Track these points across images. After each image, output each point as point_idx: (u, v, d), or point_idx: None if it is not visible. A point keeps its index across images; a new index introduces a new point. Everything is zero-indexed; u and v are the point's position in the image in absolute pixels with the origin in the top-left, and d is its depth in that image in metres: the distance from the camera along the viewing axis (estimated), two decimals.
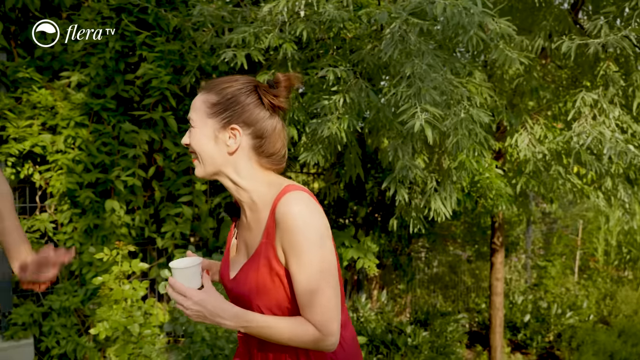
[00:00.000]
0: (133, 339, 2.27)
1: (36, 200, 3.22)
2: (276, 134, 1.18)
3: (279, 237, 1.11)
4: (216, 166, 1.16)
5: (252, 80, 1.20)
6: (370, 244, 3.36)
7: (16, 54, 3.23)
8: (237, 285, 1.21)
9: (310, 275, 1.09)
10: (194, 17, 2.68)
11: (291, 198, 1.10)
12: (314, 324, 1.10)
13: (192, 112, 1.18)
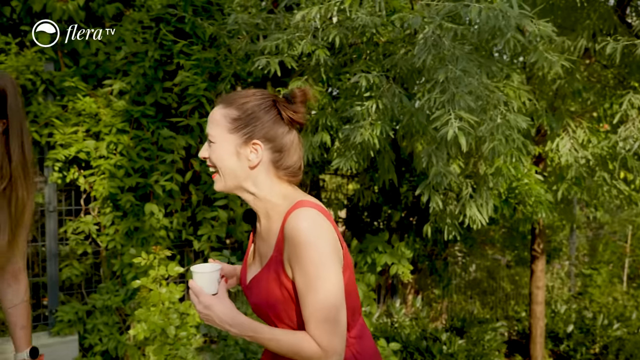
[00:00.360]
0: (169, 340, 2.34)
1: (81, 203, 3.37)
2: (294, 148, 1.19)
3: (287, 252, 1.12)
4: (237, 180, 1.18)
5: (270, 95, 1.21)
6: (405, 250, 3.32)
7: (63, 63, 3.39)
8: (250, 293, 1.24)
9: (315, 292, 1.09)
10: (228, 25, 2.73)
11: (300, 214, 1.10)
12: (317, 341, 1.09)
13: (212, 127, 1.18)
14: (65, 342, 3.19)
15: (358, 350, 1.21)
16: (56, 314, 3.20)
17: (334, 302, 1.10)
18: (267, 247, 1.20)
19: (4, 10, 3.19)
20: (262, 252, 1.23)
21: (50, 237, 3.26)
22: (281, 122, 1.17)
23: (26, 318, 1.45)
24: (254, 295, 1.21)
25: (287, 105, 1.18)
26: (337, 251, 1.14)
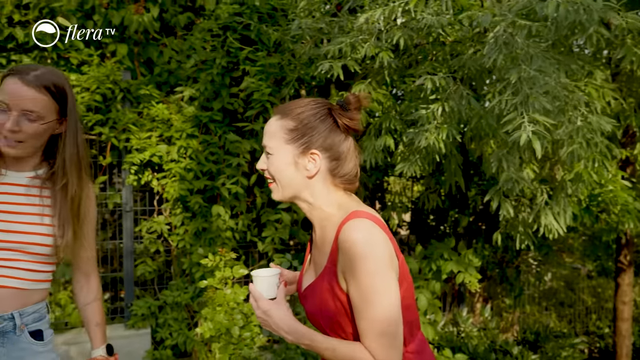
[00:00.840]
0: (233, 340, 2.40)
1: (154, 204, 3.55)
2: (350, 155, 1.19)
3: (341, 264, 1.10)
4: (294, 190, 1.18)
5: (325, 103, 1.21)
6: (472, 258, 3.17)
7: (139, 72, 3.59)
8: (305, 302, 1.23)
9: (371, 305, 1.07)
10: (292, 30, 2.75)
11: (354, 224, 1.08)
12: (372, 354, 1.08)
13: (268, 138, 1.18)
14: (139, 335, 3.38)
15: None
16: (131, 308, 3.40)
17: (391, 315, 1.07)
18: (322, 256, 1.19)
19: (87, 24, 3.43)
20: (317, 261, 1.22)
21: (126, 235, 3.47)
22: (337, 130, 1.17)
23: (100, 315, 1.50)
24: (309, 304, 1.21)
25: (342, 112, 1.17)
26: (393, 263, 1.11)
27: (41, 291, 1.38)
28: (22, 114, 1.28)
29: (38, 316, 1.37)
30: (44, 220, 1.32)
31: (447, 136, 2.34)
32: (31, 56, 3.26)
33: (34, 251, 1.31)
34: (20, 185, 1.34)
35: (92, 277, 1.49)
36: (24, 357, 1.33)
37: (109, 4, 3.39)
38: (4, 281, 1.30)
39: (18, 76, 1.28)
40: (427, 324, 3.48)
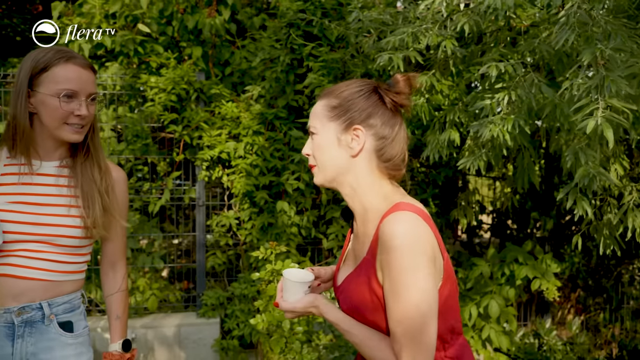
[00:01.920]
0: (285, 334, 2.42)
1: (224, 199, 3.70)
2: (398, 136, 1.13)
3: (380, 256, 1.05)
4: (337, 171, 1.13)
5: (371, 82, 1.16)
6: (551, 263, 2.88)
7: (213, 73, 3.77)
8: (340, 294, 1.18)
9: (402, 301, 1.00)
10: (352, 23, 2.70)
11: (398, 217, 1.03)
12: (396, 354, 1.02)
13: (312, 119, 1.16)
14: (209, 324, 3.54)
15: None
16: (202, 297, 3.57)
17: (423, 314, 1.00)
18: (362, 248, 1.14)
19: (167, 30, 3.68)
20: (356, 254, 1.18)
21: (199, 229, 3.66)
22: (383, 107, 1.12)
23: (121, 308, 1.45)
24: (344, 296, 1.17)
25: (389, 89, 1.12)
26: (434, 260, 1.04)
27: (73, 282, 1.36)
28: (87, 97, 1.30)
29: (69, 307, 1.36)
30: (71, 212, 1.32)
31: (513, 127, 2.14)
32: (117, 61, 3.56)
33: (62, 243, 1.31)
34: (50, 175, 1.34)
35: (119, 267, 1.46)
36: (52, 347, 1.31)
37: (184, 9, 3.59)
38: (32, 273, 1.29)
39: (74, 61, 1.29)
40: (501, 333, 3.23)
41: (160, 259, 3.68)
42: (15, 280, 1.28)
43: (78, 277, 1.38)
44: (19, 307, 1.28)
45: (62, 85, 1.27)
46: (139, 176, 3.69)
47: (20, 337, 1.29)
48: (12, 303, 1.29)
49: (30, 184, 1.31)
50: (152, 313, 3.63)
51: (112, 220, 1.38)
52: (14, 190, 1.30)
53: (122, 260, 1.47)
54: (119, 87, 3.59)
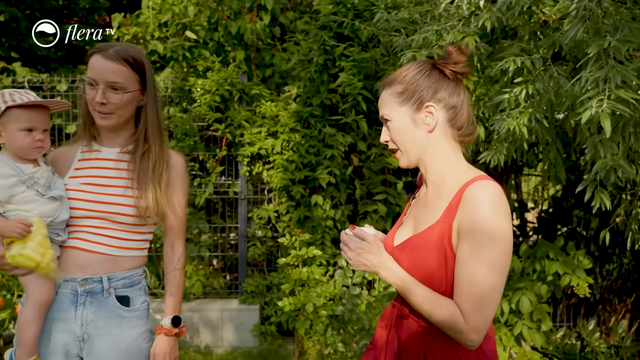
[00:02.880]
0: (311, 316, 2.57)
1: (264, 193, 3.92)
2: (464, 102, 1.21)
3: (460, 217, 1.10)
4: (419, 150, 1.20)
5: (427, 61, 1.26)
6: (583, 259, 2.83)
7: (255, 75, 4.01)
8: (398, 255, 1.21)
9: (478, 264, 1.05)
10: (378, 23, 2.82)
11: (485, 185, 1.09)
12: (463, 312, 1.06)
13: (383, 108, 1.23)
14: (249, 310, 3.77)
15: (483, 349, 1.15)
16: (243, 285, 3.81)
17: (495, 282, 1.05)
18: (429, 214, 1.19)
19: (214, 35, 3.96)
20: (418, 219, 1.23)
21: (241, 221, 3.90)
22: (446, 80, 1.19)
23: (176, 286, 1.50)
24: (404, 258, 1.20)
25: (445, 61, 1.20)
26: (511, 234, 1.09)
27: (132, 259, 1.45)
28: (107, 86, 1.38)
29: (128, 282, 1.44)
30: (127, 192, 1.42)
31: (530, 121, 2.17)
32: (169, 66, 3.89)
33: (119, 220, 1.42)
34: (111, 159, 1.46)
35: (177, 247, 1.52)
36: (109, 317, 1.42)
37: (228, 16, 3.86)
38: (94, 247, 1.42)
39: (100, 53, 1.39)
40: (535, 331, 3.20)
41: (207, 249, 3.97)
42: (81, 252, 1.41)
43: (137, 253, 1.47)
44: (82, 277, 1.41)
45: (88, 74, 1.41)
46: (191, 172, 4.00)
47: (82, 305, 1.41)
48: (77, 273, 1.41)
49: (96, 167, 1.46)
50: (198, 298, 3.93)
51: (164, 209, 1.44)
52: (84, 174, 1.46)
53: (180, 241, 1.53)
54: (170, 89, 3.92)
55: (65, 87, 3.90)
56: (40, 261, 1.30)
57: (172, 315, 1.48)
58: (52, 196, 1.37)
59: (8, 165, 1.34)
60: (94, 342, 1.41)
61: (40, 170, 1.38)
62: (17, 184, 1.33)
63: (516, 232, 4.28)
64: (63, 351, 1.41)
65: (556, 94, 2.27)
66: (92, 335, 1.41)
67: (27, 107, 1.35)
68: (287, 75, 4.01)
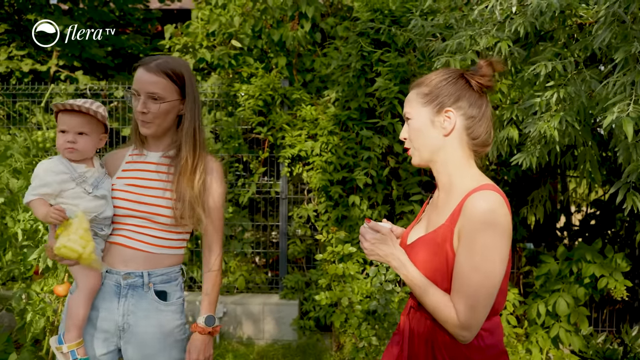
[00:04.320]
0: (346, 310, 2.70)
1: (304, 193, 4.09)
2: (485, 115, 1.27)
3: (460, 224, 1.18)
4: (431, 150, 1.26)
5: (457, 70, 1.34)
6: (621, 262, 2.81)
7: (296, 80, 4.18)
8: (410, 252, 1.30)
9: (474, 269, 1.15)
10: (413, 30, 2.91)
11: (485, 194, 1.16)
12: (456, 310, 1.16)
13: (407, 106, 1.31)
14: (289, 305, 3.95)
15: (486, 343, 1.24)
16: (283, 281, 3.99)
17: (489, 285, 1.15)
18: (440, 216, 1.26)
19: (258, 43, 4.17)
20: (431, 220, 1.31)
21: (282, 219, 4.09)
22: (470, 90, 1.26)
23: (211, 286, 1.58)
24: (414, 253, 1.28)
25: (474, 73, 1.27)
26: (508, 242, 1.17)
27: (170, 257, 1.55)
28: (147, 97, 1.48)
29: (166, 279, 1.54)
30: (166, 194, 1.51)
31: (561, 124, 2.21)
32: (215, 73, 4.13)
33: (158, 220, 1.50)
34: (153, 163, 1.56)
35: (214, 250, 1.58)
36: (149, 310, 1.52)
37: (271, 25, 4.06)
38: (136, 244, 1.52)
39: (143, 66, 1.51)
40: (573, 334, 3.19)
41: (249, 246, 4.18)
42: (124, 249, 1.52)
43: (174, 252, 1.56)
44: (125, 272, 1.51)
45: (133, 86, 1.53)
46: (235, 173, 4.23)
47: (124, 297, 1.51)
48: (121, 267, 1.52)
49: (140, 170, 1.56)
50: (241, 292, 4.14)
51: (199, 217, 1.52)
52: (130, 175, 1.56)
53: (217, 244, 1.59)
54: (217, 95, 4.16)
55: (121, 93, 4.23)
56: (82, 252, 1.40)
57: (207, 315, 1.55)
58: (97, 195, 1.48)
59: (63, 164, 1.48)
60: (134, 331, 1.51)
61: (91, 171, 1.51)
62: (68, 180, 1.46)
63: (559, 234, 4.24)
64: (103, 337, 1.52)
65: (590, 97, 2.30)
66: (132, 325, 1.51)
67: (67, 111, 1.47)
68: (327, 80, 4.16)
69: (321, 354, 3.66)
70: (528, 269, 3.77)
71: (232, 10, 4.07)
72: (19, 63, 4.75)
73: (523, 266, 3.82)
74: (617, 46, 1.86)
